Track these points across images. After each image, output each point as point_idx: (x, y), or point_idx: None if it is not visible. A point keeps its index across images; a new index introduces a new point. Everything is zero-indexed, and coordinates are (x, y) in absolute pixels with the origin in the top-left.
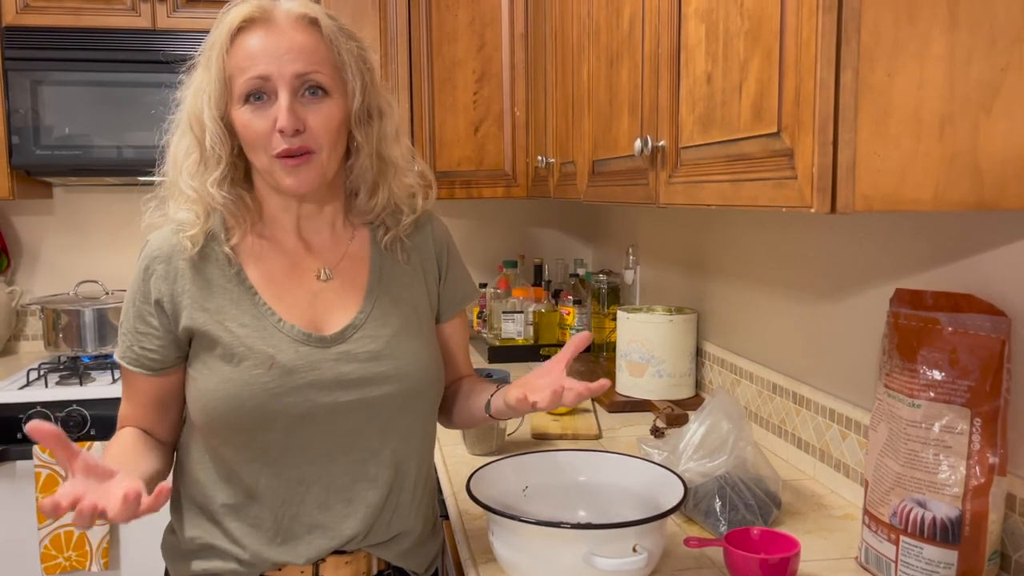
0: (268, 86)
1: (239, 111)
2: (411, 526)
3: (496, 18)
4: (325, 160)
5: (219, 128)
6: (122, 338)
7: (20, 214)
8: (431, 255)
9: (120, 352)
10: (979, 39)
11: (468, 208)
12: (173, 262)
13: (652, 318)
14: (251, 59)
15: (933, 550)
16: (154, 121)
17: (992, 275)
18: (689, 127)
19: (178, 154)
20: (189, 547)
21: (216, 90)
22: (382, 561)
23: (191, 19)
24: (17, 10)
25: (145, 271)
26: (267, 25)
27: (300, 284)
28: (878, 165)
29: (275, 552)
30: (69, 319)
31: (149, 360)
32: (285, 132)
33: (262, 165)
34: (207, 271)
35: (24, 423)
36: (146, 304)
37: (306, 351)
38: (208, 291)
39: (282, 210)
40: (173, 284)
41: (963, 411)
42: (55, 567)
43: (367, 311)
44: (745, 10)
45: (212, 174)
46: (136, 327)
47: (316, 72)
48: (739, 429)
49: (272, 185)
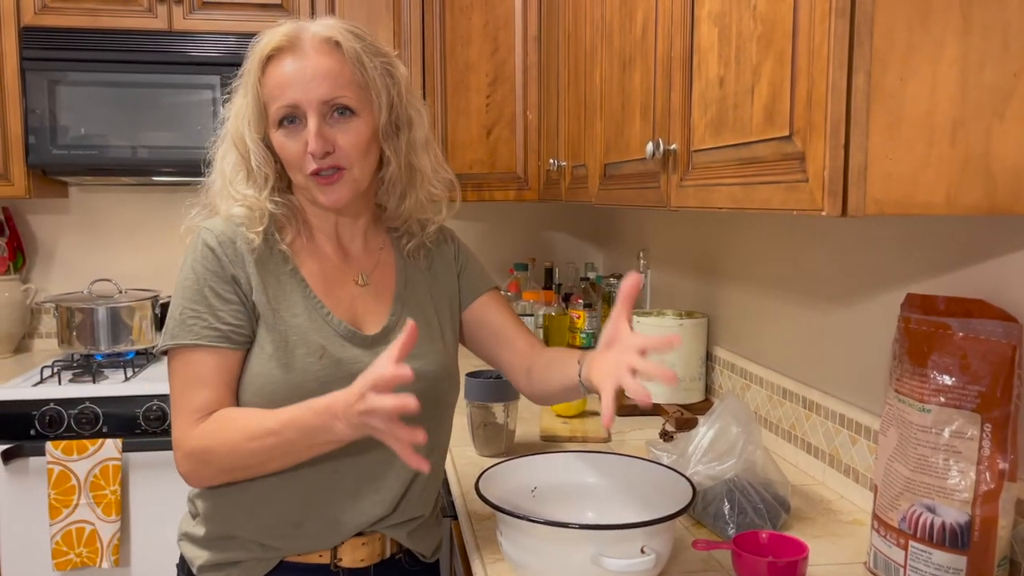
0: (298, 112)
1: (275, 134)
2: (423, 510)
3: (509, 21)
4: (358, 175)
5: (262, 149)
6: (190, 322)
7: (36, 213)
8: (449, 258)
9: (192, 336)
10: (992, 44)
11: (480, 211)
12: (237, 246)
13: (662, 322)
14: (280, 88)
15: (942, 555)
16: (170, 122)
17: (1004, 280)
18: (701, 130)
19: (226, 168)
20: (211, 535)
21: (254, 115)
22: (395, 543)
23: (207, 21)
24: (35, 11)
25: (213, 252)
26: (294, 53)
27: (343, 286)
28: (890, 169)
29: (299, 542)
30: (83, 317)
31: (236, 333)
32: (315, 155)
33: (299, 183)
34: (265, 263)
35: (37, 421)
36: (222, 282)
37: (350, 347)
38: (266, 280)
39: (323, 219)
40: (242, 266)
41: (973, 416)
42: (66, 563)
43: (398, 314)
44: (758, 14)
45: (264, 191)
46: (214, 305)
47: (341, 96)
48: (748, 433)
49: (310, 200)
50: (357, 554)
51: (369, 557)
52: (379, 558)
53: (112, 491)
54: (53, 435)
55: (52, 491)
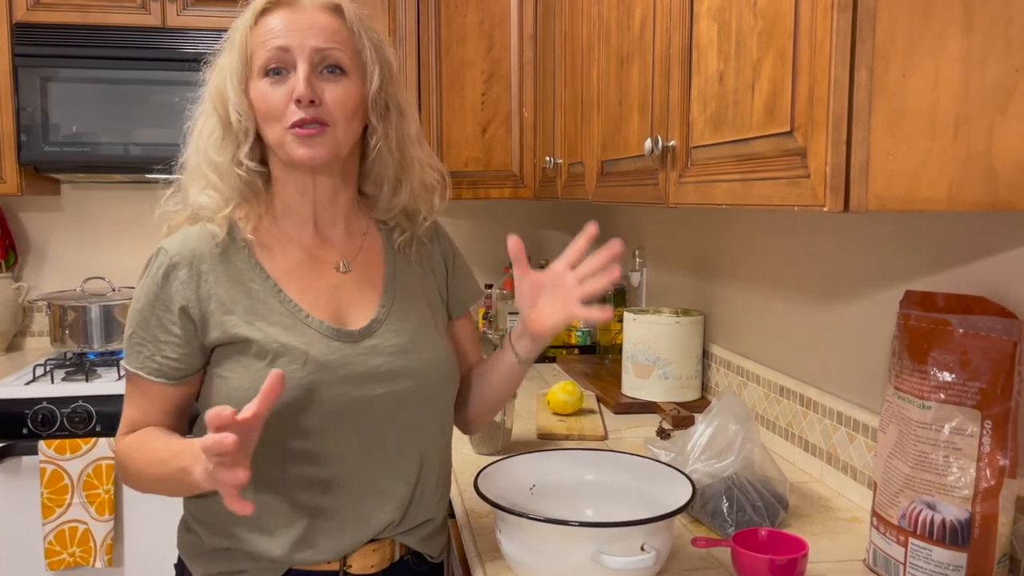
0: (288, 58)
1: (257, 84)
2: (434, 514)
3: (505, 19)
4: (340, 136)
5: (243, 100)
6: (136, 348)
7: (28, 210)
8: (439, 258)
9: (136, 363)
10: (995, 40)
11: (475, 209)
12: (195, 265)
13: (659, 320)
14: (272, 33)
15: (942, 552)
16: (162, 119)
17: (1004, 277)
18: (700, 127)
19: (201, 136)
20: (212, 547)
21: (238, 66)
22: (404, 547)
23: (201, 17)
24: (28, 7)
25: (164, 278)
26: (292, 6)
27: (321, 276)
28: (892, 164)
29: (307, 555)
30: (76, 315)
31: (172, 369)
32: (301, 101)
33: (275, 137)
34: (231, 266)
35: (29, 419)
36: (167, 312)
37: (337, 346)
38: (234, 290)
39: (298, 196)
40: (198, 289)
41: (973, 413)
42: (59, 563)
43: (388, 305)
44: (759, 9)
45: (242, 148)
46: (156, 336)
47: (335, 49)
48: (746, 431)
49: (285, 160)
50: (368, 560)
51: (380, 563)
52: (389, 563)
53: (105, 490)
54: (46, 434)
55: (45, 490)
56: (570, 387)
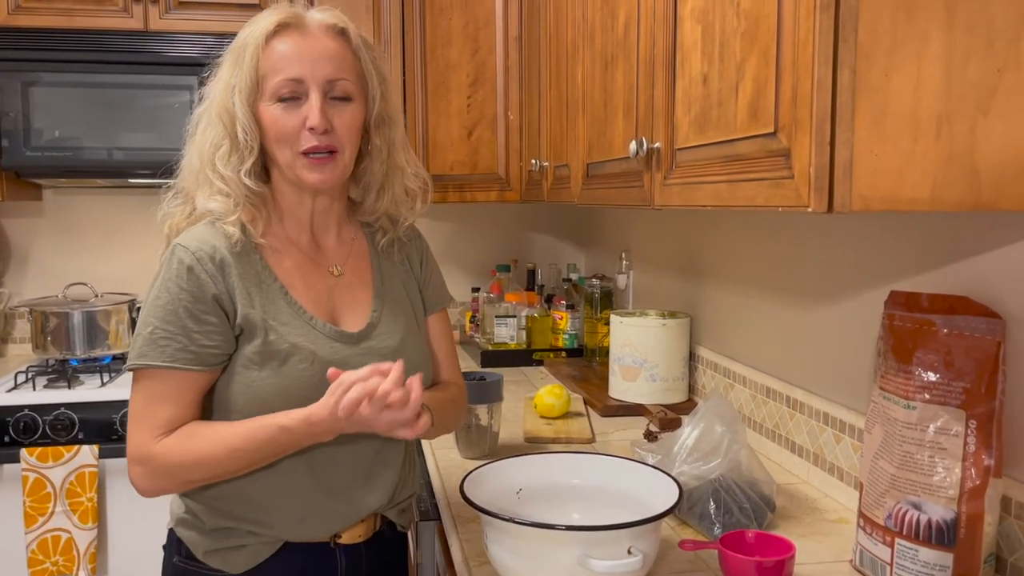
0: (301, 88)
1: (269, 107)
2: (412, 489)
3: (490, 22)
4: (347, 159)
5: (251, 120)
6: (162, 343)
7: (9, 216)
8: (416, 259)
9: (164, 357)
10: (976, 39)
11: (461, 212)
12: (217, 260)
13: (645, 322)
14: (286, 61)
15: (928, 552)
16: (145, 123)
17: (987, 277)
18: (684, 128)
19: (205, 144)
20: (213, 527)
21: (248, 86)
22: (383, 518)
23: (183, 21)
24: (8, 11)
25: (189, 271)
26: (300, 31)
27: (319, 279)
28: (875, 165)
29: (303, 532)
30: (58, 322)
31: (211, 356)
32: (316, 130)
33: (286, 160)
34: (246, 266)
35: (11, 427)
36: (198, 303)
37: (338, 347)
38: (251, 288)
39: (297, 204)
40: (225, 280)
41: (958, 413)
42: (42, 572)
43: (379, 309)
44: (742, 11)
45: (245, 164)
46: (188, 327)
47: (344, 79)
48: (733, 432)
49: (292, 180)
50: (356, 531)
51: (365, 534)
52: (372, 533)
53: (89, 498)
54: (28, 442)
55: (27, 499)
56: (557, 390)
